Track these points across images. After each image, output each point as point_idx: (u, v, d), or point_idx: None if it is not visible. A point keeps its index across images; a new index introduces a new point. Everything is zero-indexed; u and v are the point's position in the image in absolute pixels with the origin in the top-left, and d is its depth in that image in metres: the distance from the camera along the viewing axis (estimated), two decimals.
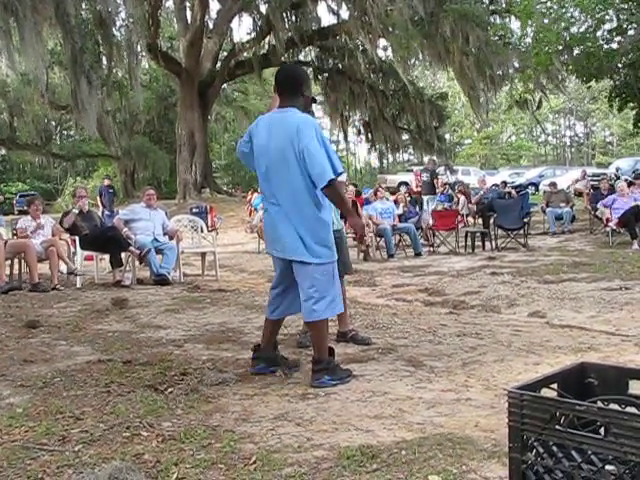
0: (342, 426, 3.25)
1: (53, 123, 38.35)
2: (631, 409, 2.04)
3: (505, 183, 19.84)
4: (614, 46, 16.34)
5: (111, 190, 21.34)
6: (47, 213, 10.78)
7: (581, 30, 16.26)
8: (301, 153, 3.90)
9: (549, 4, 16.19)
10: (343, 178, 5.47)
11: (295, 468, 2.73)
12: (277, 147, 3.99)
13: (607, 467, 1.89)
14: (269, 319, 4.35)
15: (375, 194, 13.79)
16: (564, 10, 15.37)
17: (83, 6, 18.80)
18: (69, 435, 3.14)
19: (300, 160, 3.92)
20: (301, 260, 4.04)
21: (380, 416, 3.38)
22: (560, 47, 16.10)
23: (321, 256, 4.02)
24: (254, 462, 2.81)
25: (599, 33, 16.60)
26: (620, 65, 16.55)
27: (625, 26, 16.05)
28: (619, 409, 2.01)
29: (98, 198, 20.69)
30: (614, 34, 16.45)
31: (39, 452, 2.94)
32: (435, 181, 18.85)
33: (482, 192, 16.66)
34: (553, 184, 17.11)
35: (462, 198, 16.34)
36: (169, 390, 3.86)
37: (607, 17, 15.63)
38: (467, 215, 16.00)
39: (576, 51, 16.84)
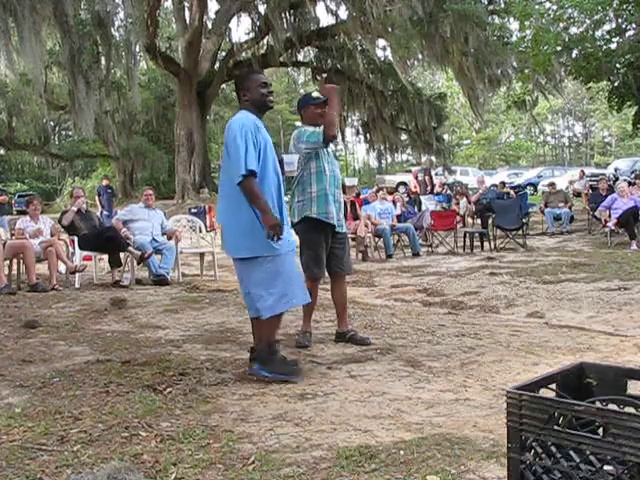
0: (340, 426, 3.25)
1: (52, 123, 38.34)
2: (630, 409, 2.04)
3: (503, 184, 19.85)
4: (613, 47, 16.35)
5: (109, 190, 21.32)
6: (46, 213, 10.77)
7: (580, 31, 16.27)
8: (225, 150, 4.20)
9: (547, 5, 16.23)
10: (354, 183, 5.51)
11: (294, 468, 2.73)
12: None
13: (605, 467, 1.89)
14: (251, 318, 4.38)
15: (376, 194, 13.77)
16: (562, 11, 15.38)
17: (82, 6, 18.79)
18: (68, 435, 3.15)
19: (226, 158, 4.17)
20: (235, 256, 4.21)
21: (378, 416, 3.39)
22: (559, 48, 16.11)
23: (255, 250, 4.07)
24: (253, 462, 2.81)
25: (598, 34, 16.63)
26: (619, 66, 16.56)
27: (624, 26, 16.07)
28: (617, 409, 2.02)
29: (97, 198, 20.67)
30: (613, 35, 16.47)
31: (38, 452, 2.94)
32: (427, 179, 18.86)
33: (481, 191, 16.65)
34: (552, 184, 17.11)
35: (464, 200, 16.31)
36: (168, 390, 3.86)
37: (607, 18, 15.64)
38: (467, 215, 15.99)
39: (575, 52, 16.85)
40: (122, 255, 9.09)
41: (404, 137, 26.40)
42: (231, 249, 4.21)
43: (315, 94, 5.38)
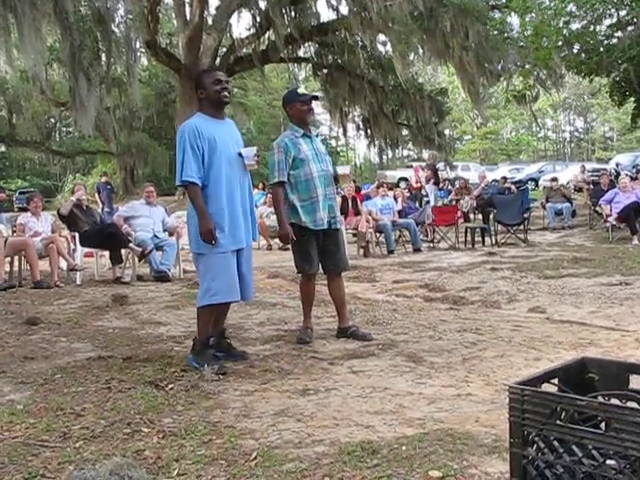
0: (343, 422, 3.25)
1: (52, 120, 38.27)
2: (632, 404, 2.04)
3: (505, 179, 19.83)
4: (614, 41, 16.33)
5: (109, 187, 21.31)
6: (47, 210, 10.77)
7: (580, 25, 16.25)
8: None
9: (547, 1, 16.18)
10: (347, 171, 5.46)
11: (296, 464, 2.74)
12: None
13: (608, 462, 1.89)
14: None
15: (377, 189, 13.76)
16: (563, 5, 15.34)
17: (82, 2, 18.75)
18: (70, 431, 3.15)
19: None
20: (191, 250, 4.62)
21: (380, 412, 3.39)
22: (560, 43, 16.08)
23: (198, 247, 4.37)
24: (255, 458, 2.81)
25: (599, 29, 16.61)
26: (620, 61, 16.52)
27: (626, 21, 16.04)
28: (620, 404, 2.02)
29: (97, 195, 20.66)
30: (614, 29, 16.44)
31: (40, 448, 2.94)
32: (430, 173, 18.86)
33: (482, 185, 16.63)
34: (554, 179, 17.08)
35: (466, 198, 16.27)
36: (169, 386, 3.87)
37: (607, 13, 15.61)
38: (469, 212, 15.98)
39: (576, 47, 16.83)
40: (123, 252, 9.09)
41: (405, 132, 26.35)
42: (190, 244, 4.55)
43: (301, 90, 5.34)
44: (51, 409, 3.48)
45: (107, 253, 9.32)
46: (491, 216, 13.72)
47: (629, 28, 15.71)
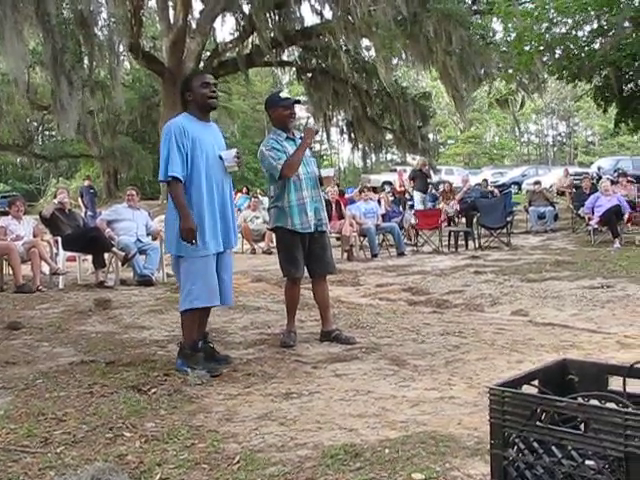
0: (326, 425, 3.25)
1: (35, 123, 38.05)
2: (611, 405, 2.06)
3: (487, 181, 19.93)
4: (595, 47, 16.46)
5: (92, 190, 21.22)
6: (29, 214, 10.69)
7: (562, 31, 16.36)
8: None
9: (530, 6, 16.29)
10: (331, 174, 5.47)
11: (279, 467, 2.74)
12: None
13: (587, 462, 1.91)
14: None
15: (360, 193, 13.80)
16: (544, 11, 15.45)
17: (64, 5, 18.65)
18: (51, 437, 3.13)
19: None
20: (169, 252, 4.66)
21: (364, 415, 3.39)
22: (541, 47, 16.19)
23: (179, 250, 4.35)
24: (238, 462, 2.81)
25: (580, 34, 16.73)
26: (601, 66, 16.66)
27: (606, 27, 16.16)
28: (599, 405, 2.03)
29: (80, 199, 20.55)
30: (595, 35, 16.57)
31: (21, 454, 2.92)
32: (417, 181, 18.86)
33: (464, 189, 16.63)
34: (537, 183, 17.19)
35: (452, 203, 16.18)
36: (152, 391, 3.85)
37: (588, 18, 15.72)
38: (453, 216, 15.93)
39: (558, 52, 16.94)
40: (106, 256, 9.05)
41: (389, 136, 26.40)
42: (167, 245, 4.54)
43: (283, 94, 5.34)
44: (32, 414, 3.45)
45: (90, 257, 9.27)
46: (474, 220, 13.77)
47: (610, 33, 15.83)
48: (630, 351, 4.59)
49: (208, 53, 24.02)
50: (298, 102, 5.40)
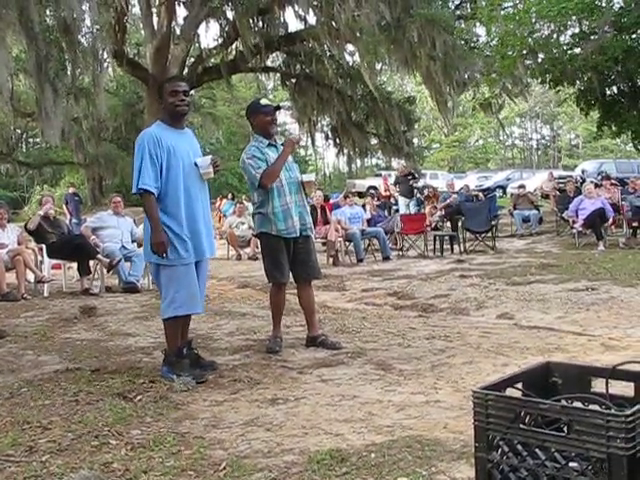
0: (312, 430, 3.26)
1: (19, 131, 37.83)
2: (594, 406, 2.08)
3: (468, 187, 20.01)
4: (577, 51, 16.58)
5: (77, 197, 21.12)
6: (13, 222, 10.62)
7: (544, 35, 16.47)
8: None
9: (512, 10, 16.38)
10: (312, 178, 5.48)
11: (265, 473, 2.74)
12: None
13: (570, 464, 1.92)
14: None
15: (345, 198, 13.83)
16: (527, 16, 15.55)
17: (48, 12, 18.56)
18: (36, 445, 3.12)
19: None
20: (147, 260, 4.75)
21: (350, 420, 3.40)
22: (524, 52, 16.29)
23: (159, 259, 4.32)
24: (224, 468, 2.81)
25: (562, 38, 16.85)
26: (583, 69, 16.77)
27: (588, 31, 16.29)
28: (581, 407, 2.05)
29: (64, 206, 20.44)
30: (577, 39, 16.69)
31: (5, 463, 2.91)
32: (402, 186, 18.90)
33: (450, 199, 16.52)
34: (522, 186, 17.27)
35: (436, 215, 16.10)
36: (138, 398, 3.84)
37: (569, 23, 15.84)
38: (437, 222, 15.92)
39: (540, 56, 17.05)
40: (91, 263, 9.02)
41: (374, 141, 26.44)
42: (145, 253, 4.53)
43: (264, 101, 5.34)
44: (17, 423, 3.44)
45: (75, 265, 9.24)
46: (459, 224, 13.82)
47: (592, 37, 15.95)
48: (614, 353, 4.62)
49: (192, 59, 23.97)
50: (279, 108, 5.40)
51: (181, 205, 4.34)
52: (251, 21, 20.54)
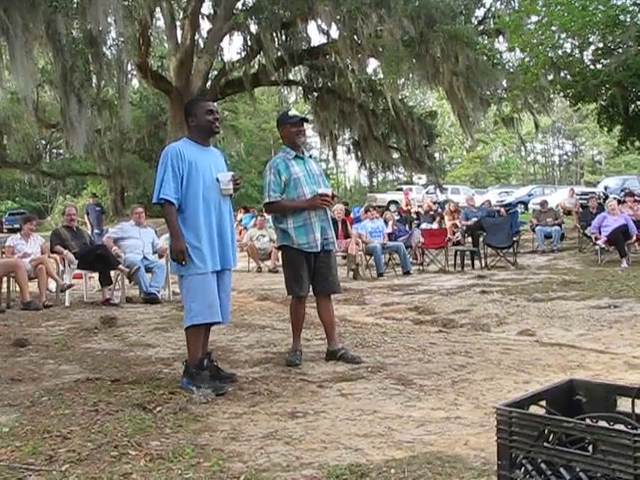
0: (331, 445, 3.23)
1: (43, 141, 38.23)
2: (619, 426, 2.04)
3: (490, 202, 19.89)
4: (599, 67, 16.51)
5: (98, 208, 21.25)
6: (36, 232, 10.72)
7: (567, 51, 16.42)
8: None
9: (534, 27, 16.32)
10: (328, 191, 5.46)
11: None
12: None
13: None
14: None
15: (366, 212, 13.82)
16: (550, 33, 15.50)
17: (74, 25, 18.81)
18: (56, 455, 3.12)
19: None
20: (172, 272, 4.88)
21: (369, 435, 3.38)
22: (547, 66, 16.23)
23: (178, 269, 4.45)
24: None
25: (585, 54, 16.79)
26: (607, 85, 16.70)
27: (611, 46, 16.22)
28: (607, 426, 2.02)
29: (85, 217, 20.59)
30: (600, 55, 16.62)
31: (25, 472, 2.91)
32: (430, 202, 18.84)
33: (476, 218, 15.86)
34: (544, 202, 17.17)
35: (457, 233, 15.67)
36: (158, 409, 3.84)
37: (592, 38, 15.78)
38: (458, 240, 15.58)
39: (563, 72, 16.99)
40: (112, 273, 9.07)
41: (395, 155, 26.45)
42: (171, 266, 4.76)
43: (292, 112, 5.35)
44: (37, 432, 3.45)
45: (96, 275, 9.29)
46: (481, 239, 13.76)
47: (615, 53, 15.88)
48: (638, 372, 4.56)
49: (215, 72, 24.15)
50: (306, 120, 5.41)
51: (200, 218, 4.40)
52: (274, 35, 20.68)
